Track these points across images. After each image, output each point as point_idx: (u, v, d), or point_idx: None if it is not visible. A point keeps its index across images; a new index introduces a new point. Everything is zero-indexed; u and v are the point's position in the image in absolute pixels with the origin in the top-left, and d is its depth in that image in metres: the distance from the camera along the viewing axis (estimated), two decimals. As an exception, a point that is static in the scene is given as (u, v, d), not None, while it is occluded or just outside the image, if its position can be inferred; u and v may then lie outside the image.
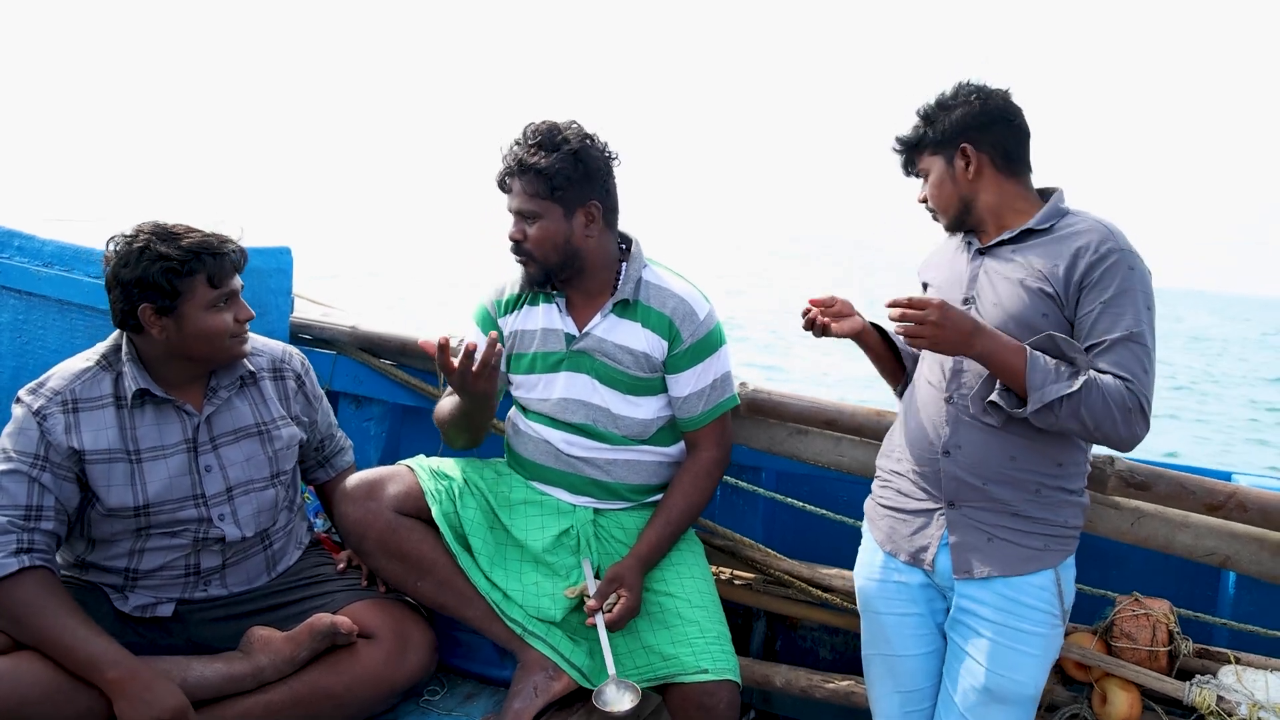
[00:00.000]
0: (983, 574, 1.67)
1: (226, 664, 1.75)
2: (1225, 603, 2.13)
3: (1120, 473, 1.96)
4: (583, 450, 1.99)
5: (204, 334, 1.78)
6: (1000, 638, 1.66)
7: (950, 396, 1.71)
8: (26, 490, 1.70)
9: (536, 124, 1.89)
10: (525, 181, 1.86)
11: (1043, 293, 1.63)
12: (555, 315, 1.99)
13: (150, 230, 1.77)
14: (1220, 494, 1.92)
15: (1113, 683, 1.89)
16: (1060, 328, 1.62)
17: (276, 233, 2.72)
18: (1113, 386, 1.53)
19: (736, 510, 2.46)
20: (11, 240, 2.53)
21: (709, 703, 1.79)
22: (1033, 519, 1.66)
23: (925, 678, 1.79)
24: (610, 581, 1.87)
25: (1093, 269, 1.60)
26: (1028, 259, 1.66)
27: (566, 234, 1.89)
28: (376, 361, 2.65)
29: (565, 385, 1.97)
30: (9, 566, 1.63)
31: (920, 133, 1.77)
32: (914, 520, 1.77)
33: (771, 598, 2.26)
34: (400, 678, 1.84)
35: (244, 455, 1.89)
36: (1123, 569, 2.17)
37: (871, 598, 1.83)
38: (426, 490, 1.95)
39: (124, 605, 1.82)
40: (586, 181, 1.88)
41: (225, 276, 1.80)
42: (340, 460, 2.16)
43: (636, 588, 1.87)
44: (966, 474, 1.68)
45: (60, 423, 1.73)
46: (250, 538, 1.89)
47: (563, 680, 1.87)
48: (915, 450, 1.76)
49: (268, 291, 2.53)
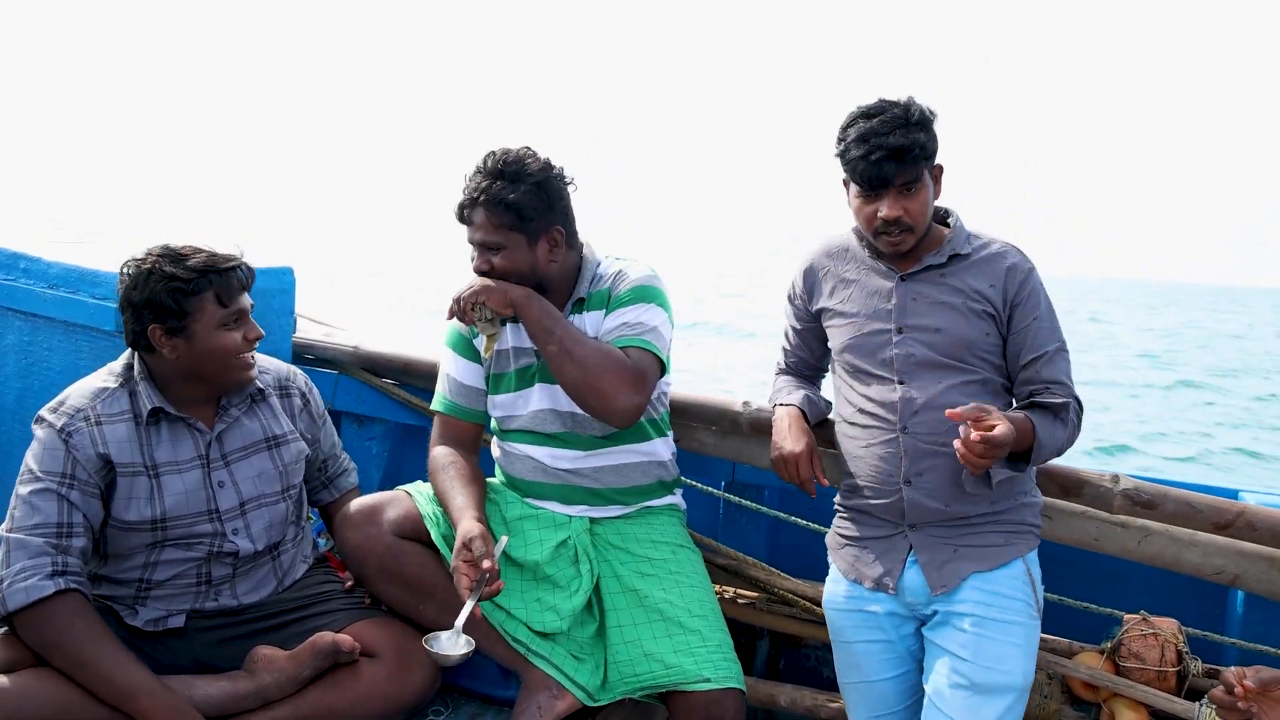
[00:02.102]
0: (957, 581, 1.71)
1: (231, 683, 1.76)
2: (1234, 622, 2.11)
3: (1126, 491, 1.95)
4: (568, 462, 1.99)
5: (214, 353, 1.80)
6: (983, 630, 1.68)
7: (905, 427, 1.74)
8: (58, 508, 1.71)
9: (496, 154, 1.88)
10: (490, 213, 1.86)
11: (985, 313, 1.73)
12: (523, 334, 1.99)
13: (159, 253, 1.79)
14: (1228, 513, 1.91)
15: (1121, 703, 1.88)
16: (996, 345, 1.75)
17: (275, 248, 2.73)
18: (1071, 416, 1.71)
19: (740, 529, 2.45)
20: (17, 262, 2.54)
21: (715, 712, 1.78)
22: (991, 524, 1.74)
23: (900, 699, 1.81)
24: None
25: (1023, 287, 1.73)
26: (962, 281, 1.74)
27: (531, 263, 1.90)
28: (378, 381, 2.66)
29: (539, 398, 1.99)
30: (45, 589, 1.64)
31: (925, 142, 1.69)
32: (876, 545, 1.80)
33: (775, 616, 2.24)
34: (404, 696, 1.83)
35: (255, 470, 1.91)
36: (1129, 587, 2.16)
37: (841, 628, 1.84)
38: (425, 514, 1.96)
39: (134, 620, 1.82)
40: (549, 210, 1.89)
41: (233, 294, 1.81)
42: (344, 481, 2.17)
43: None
44: (929, 499, 1.72)
45: (86, 436, 1.75)
46: (261, 551, 1.91)
47: (566, 699, 1.86)
48: (873, 483, 1.78)
49: (270, 312, 2.54)
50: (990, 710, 1.67)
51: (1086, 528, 2.01)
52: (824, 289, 1.90)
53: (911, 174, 1.68)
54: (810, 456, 1.83)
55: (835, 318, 1.87)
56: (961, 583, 1.71)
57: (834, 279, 1.88)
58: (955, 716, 1.67)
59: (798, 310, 1.98)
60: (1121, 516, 1.99)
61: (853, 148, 1.69)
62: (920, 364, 1.74)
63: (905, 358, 1.75)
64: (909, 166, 1.67)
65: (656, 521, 2.04)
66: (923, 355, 1.74)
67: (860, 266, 1.86)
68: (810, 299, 1.93)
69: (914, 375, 1.74)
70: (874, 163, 1.66)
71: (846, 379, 1.86)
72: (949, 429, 1.63)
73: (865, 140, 1.67)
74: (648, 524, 2.03)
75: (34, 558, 1.66)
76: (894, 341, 1.77)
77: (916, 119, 1.69)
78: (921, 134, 1.68)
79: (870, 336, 1.80)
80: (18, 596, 1.64)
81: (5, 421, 2.60)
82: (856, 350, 1.82)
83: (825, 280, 1.90)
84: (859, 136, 1.68)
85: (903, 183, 1.69)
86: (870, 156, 1.66)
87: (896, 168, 1.66)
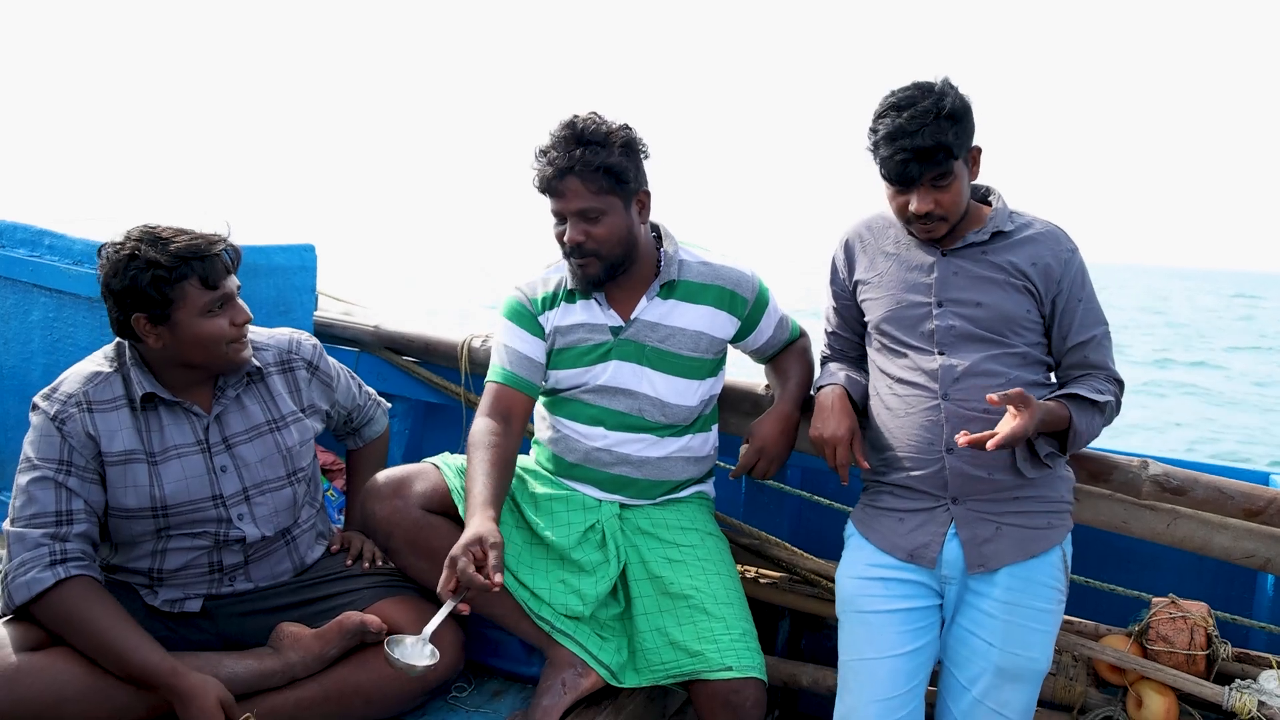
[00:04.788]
0: (997, 565, 1.69)
1: (258, 660, 1.76)
2: (1264, 605, 2.09)
3: (1155, 477, 1.92)
4: (617, 444, 1.98)
5: (200, 340, 1.73)
6: (1014, 617, 1.68)
7: (946, 394, 1.73)
8: (55, 496, 1.69)
9: (580, 120, 1.84)
10: (586, 180, 1.82)
11: (1026, 290, 1.73)
12: (596, 310, 1.98)
13: (138, 236, 1.70)
14: (1260, 499, 1.88)
15: (1149, 686, 1.86)
16: (1036, 323, 1.75)
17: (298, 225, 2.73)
18: (1112, 396, 1.72)
19: (763, 509, 2.45)
20: (42, 239, 2.55)
21: (735, 700, 1.78)
22: (1033, 498, 1.72)
23: (905, 680, 1.72)
24: (752, 443, 1.98)
25: (1068, 268, 1.74)
26: (1004, 258, 1.74)
27: (629, 226, 1.89)
28: (400, 359, 2.66)
29: (612, 374, 1.96)
30: (45, 581, 1.63)
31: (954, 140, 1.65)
32: (913, 519, 1.76)
33: (798, 596, 2.24)
34: (430, 675, 1.83)
35: (258, 455, 1.87)
36: (1158, 571, 2.14)
37: (855, 596, 1.79)
38: (453, 488, 1.94)
39: (154, 600, 1.82)
40: (639, 171, 1.89)
41: (218, 278, 1.73)
42: (369, 430, 2.16)
43: (769, 439, 1.97)
44: (971, 466, 1.70)
45: (79, 424, 1.72)
46: (270, 536, 1.89)
47: (591, 677, 1.87)
48: (914, 453, 1.76)
49: (292, 289, 2.54)
50: (1017, 694, 1.68)
51: (1116, 510, 1.99)
52: (863, 261, 1.88)
53: (939, 170, 1.67)
54: (851, 440, 1.80)
55: (872, 289, 1.85)
56: (999, 566, 1.70)
57: (874, 251, 1.87)
58: (983, 700, 1.68)
59: (839, 286, 1.95)
60: (1150, 501, 1.97)
61: (881, 146, 1.68)
62: (960, 336, 1.74)
63: (945, 330, 1.75)
64: (938, 164, 1.66)
65: (686, 508, 2.04)
66: (963, 328, 1.74)
67: (900, 240, 1.84)
68: (850, 271, 1.91)
69: (954, 347, 1.74)
70: (900, 163, 1.66)
71: (884, 352, 1.84)
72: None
73: (893, 139, 1.66)
74: (677, 510, 2.02)
75: (32, 550, 1.65)
76: (934, 314, 1.76)
77: (948, 110, 1.64)
78: (952, 131, 1.64)
79: (909, 309, 1.79)
80: (20, 592, 1.64)
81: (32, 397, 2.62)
82: (895, 322, 1.81)
83: (865, 252, 1.88)
84: (887, 135, 1.67)
85: (932, 178, 1.68)
86: (896, 157, 1.66)
87: (923, 169, 1.66)
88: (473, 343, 2.51)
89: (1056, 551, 1.72)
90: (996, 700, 1.68)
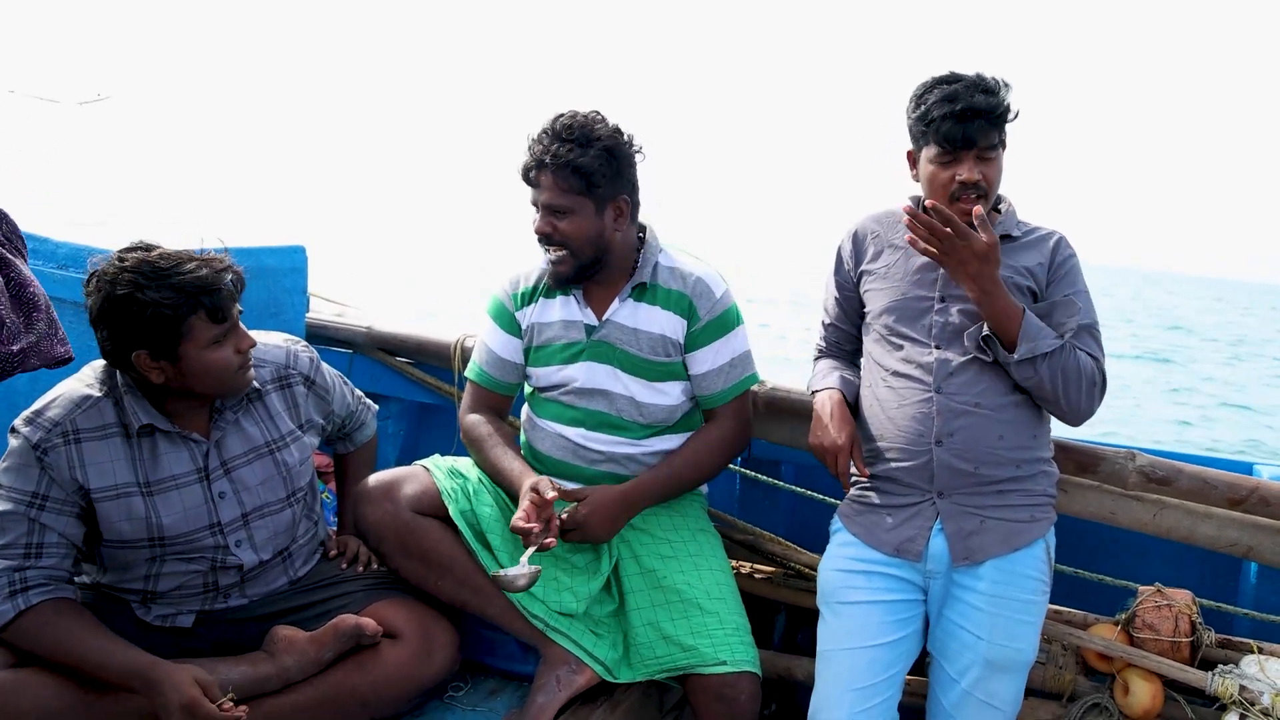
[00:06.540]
0: (982, 558, 1.72)
1: (252, 665, 1.75)
2: (1247, 593, 2.13)
3: (1141, 468, 1.96)
4: (602, 445, 1.99)
5: (207, 372, 1.68)
6: (1000, 610, 1.71)
7: (939, 388, 1.74)
8: (26, 529, 1.63)
9: (568, 116, 1.85)
10: (558, 176, 1.83)
11: (1028, 289, 1.78)
12: (574, 307, 1.99)
13: (134, 267, 1.60)
14: (1243, 489, 1.92)
15: (1135, 673, 1.89)
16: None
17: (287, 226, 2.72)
18: (1085, 359, 1.72)
19: (757, 504, 2.46)
20: (26, 243, 2.53)
21: (730, 694, 1.80)
22: (1017, 492, 1.75)
23: (883, 669, 1.73)
24: (582, 497, 1.90)
25: (1061, 266, 1.80)
26: (1008, 261, 1.77)
27: (598, 230, 1.88)
28: (393, 360, 2.66)
29: (586, 375, 1.97)
30: (6, 614, 1.60)
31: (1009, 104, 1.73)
32: (899, 514, 1.79)
33: (792, 591, 2.26)
34: (426, 676, 1.84)
35: (258, 478, 1.83)
36: (1145, 560, 2.17)
37: (837, 589, 1.81)
38: (443, 489, 1.96)
39: (146, 616, 1.81)
40: (618, 177, 1.88)
41: (226, 310, 1.66)
42: (360, 435, 2.16)
43: (601, 508, 1.88)
44: (959, 460, 1.73)
45: (63, 458, 1.64)
46: (268, 559, 1.86)
47: (585, 674, 1.89)
48: (903, 444, 1.77)
49: (282, 291, 2.53)
50: (1005, 685, 1.71)
51: (1103, 501, 2.01)
52: (870, 252, 1.90)
53: (993, 137, 1.71)
54: (851, 449, 1.81)
55: (877, 280, 1.87)
56: (985, 559, 1.72)
57: (882, 243, 1.89)
58: (972, 691, 1.71)
59: (842, 277, 1.96)
60: (1137, 491, 2.00)
61: (936, 108, 1.70)
62: (959, 332, 1.76)
63: (944, 325, 1.77)
64: (993, 128, 1.70)
65: (677, 505, 2.06)
66: (962, 324, 1.76)
67: (897, 233, 1.86)
68: (857, 262, 1.92)
69: (951, 342, 1.77)
70: (959, 122, 1.67)
71: (881, 343, 1.85)
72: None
73: (952, 100, 1.68)
74: (668, 507, 2.04)
75: None
76: (936, 309, 1.79)
77: (993, 85, 1.72)
78: (1002, 102, 1.71)
79: (913, 302, 1.81)
80: None
81: (17, 404, 2.61)
82: (896, 313, 1.82)
83: (873, 244, 1.90)
84: (944, 97, 1.70)
85: (984, 145, 1.70)
86: (956, 114, 1.67)
87: (982, 125, 1.68)
88: (466, 343, 2.52)
89: (1040, 544, 1.75)
90: (985, 691, 1.71)
